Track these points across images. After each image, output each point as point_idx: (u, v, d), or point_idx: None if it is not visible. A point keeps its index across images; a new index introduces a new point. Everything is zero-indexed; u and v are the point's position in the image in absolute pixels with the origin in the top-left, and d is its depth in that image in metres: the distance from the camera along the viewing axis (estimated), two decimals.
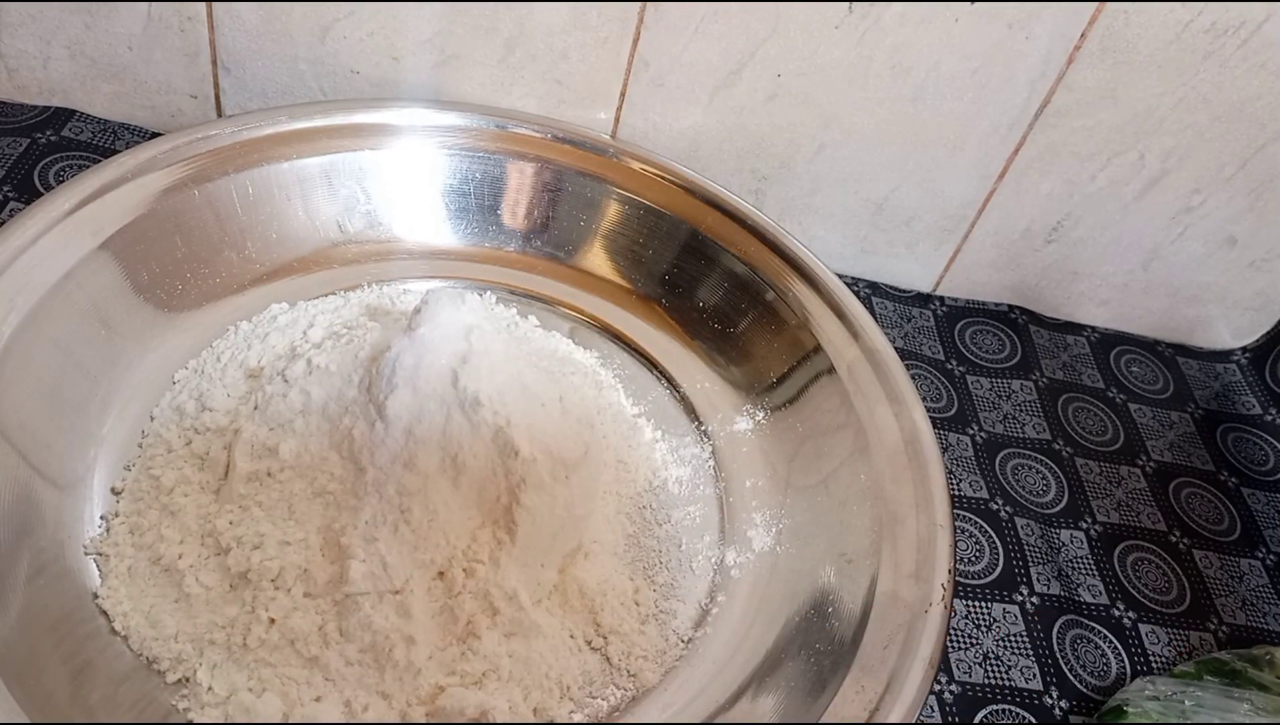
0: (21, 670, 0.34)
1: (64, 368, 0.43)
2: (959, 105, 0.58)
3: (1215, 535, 0.56)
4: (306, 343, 0.47)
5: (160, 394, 0.46)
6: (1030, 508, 0.54)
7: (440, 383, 0.41)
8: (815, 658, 0.40)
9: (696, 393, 0.54)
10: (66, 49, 0.57)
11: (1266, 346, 0.68)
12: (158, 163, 0.48)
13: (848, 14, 0.54)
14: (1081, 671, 0.47)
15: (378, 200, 0.55)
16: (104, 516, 0.41)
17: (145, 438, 0.44)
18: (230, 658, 0.38)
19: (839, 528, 0.45)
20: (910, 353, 0.62)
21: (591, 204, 0.58)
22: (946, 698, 0.45)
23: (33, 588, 0.37)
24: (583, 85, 0.58)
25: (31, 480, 0.39)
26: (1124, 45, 0.54)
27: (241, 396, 0.45)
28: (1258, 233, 0.63)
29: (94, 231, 0.45)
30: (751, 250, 0.55)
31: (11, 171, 0.55)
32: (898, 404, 0.47)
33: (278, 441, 0.42)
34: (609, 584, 0.43)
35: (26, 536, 0.38)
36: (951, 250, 0.65)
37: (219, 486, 0.42)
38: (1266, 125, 0.57)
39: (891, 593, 0.41)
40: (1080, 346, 0.66)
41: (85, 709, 0.35)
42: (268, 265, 0.52)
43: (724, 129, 0.60)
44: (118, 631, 0.38)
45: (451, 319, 0.42)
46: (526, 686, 0.39)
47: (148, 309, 0.47)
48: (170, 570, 0.40)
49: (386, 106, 0.55)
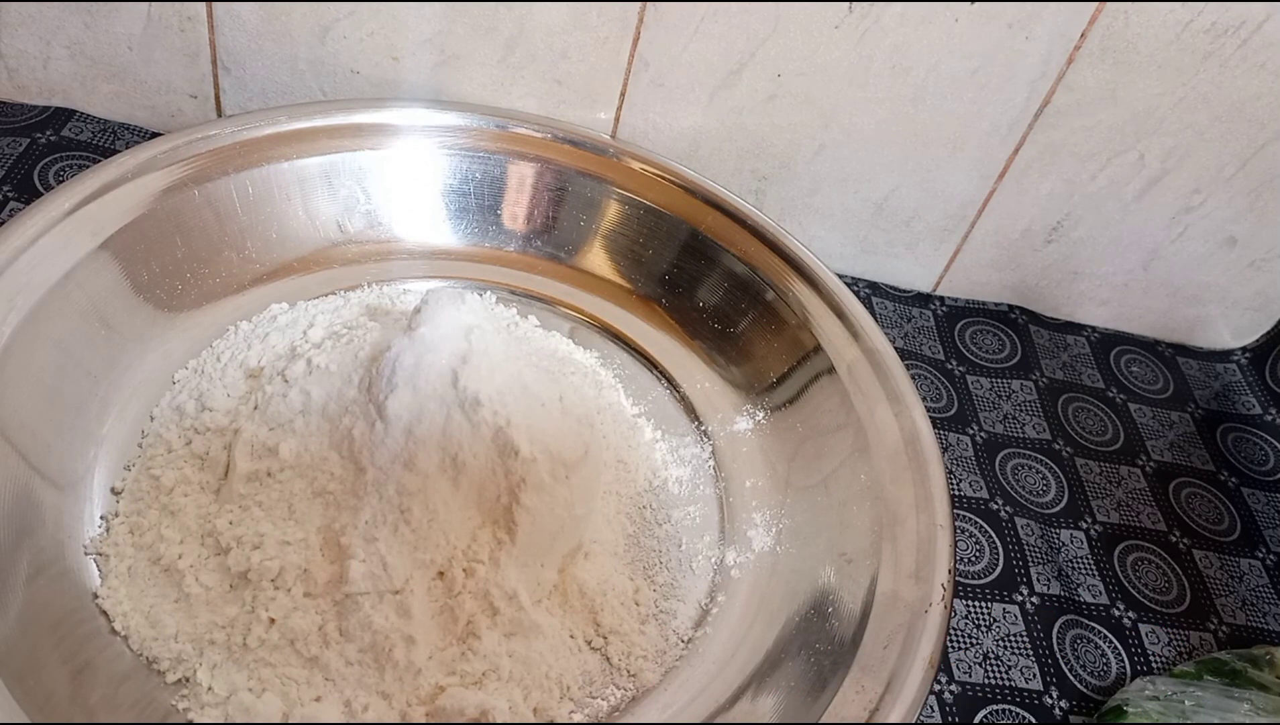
0: (21, 670, 0.34)
1: (64, 368, 0.43)
2: (959, 105, 0.58)
3: (1215, 535, 0.56)
4: (306, 343, 0.47)
5: (160, 394, 0.46)
6: (1030, 508, 0.54)
7: (440, 383, 0.41)
8: (815, 658, 0.40)
9: (696, 393, 0.54)
10: (66, 49, 0.57)
11: (1266, 346, 0.68)
12: (158, 163, 0.48)
13: (848, 14, 0.54)
14: (1081, 671, 0.47)
15: (378, 200, 0.55)
16: (104, 516, 0.41)
17: (145, 438, 0.44)
18: (230, 658, 0.38)
19: (839, 528, 0.45)
20: (910, 353, 0.62)
21: (591, 204, 0.58)
22: (946, 698, 0.45)
23: (33, 588, 0.37)
24: (583, 85, 0.58)
25: (31, 480, 0.39)
26: (1124, 45, 0.54)
27: (241, 396, 0.45)
28: (1258, 233, 0.63)
29: (94, 231, 0.45)
30: (751, 250, 0.55)
31: (11, 171, 0.55)
32: (898, 404, 0.47)
33: (278, 441, 0.42)
34: (609, 584, 0.43)
35: (26, 536, 0.38)
36: (951, 250, 0.65)
37: (219, 486, 0.42)
38: (1266, 125, 0.57)
39: (891, 592, 0.41)
40: (1080, 346, 0.66)
41: (85, 709, 0.35)
42: (268, 265, 0.52)
43: (724, 129, 0.60)
44: (118, 631, 0.38)
45: (451, 319, 0.42)
46: (526, 686, 0.39)
47: (148, 309, 0.47)
48: (170, 570, 0.40)
49: (386, 106, 0.55)
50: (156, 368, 0.47)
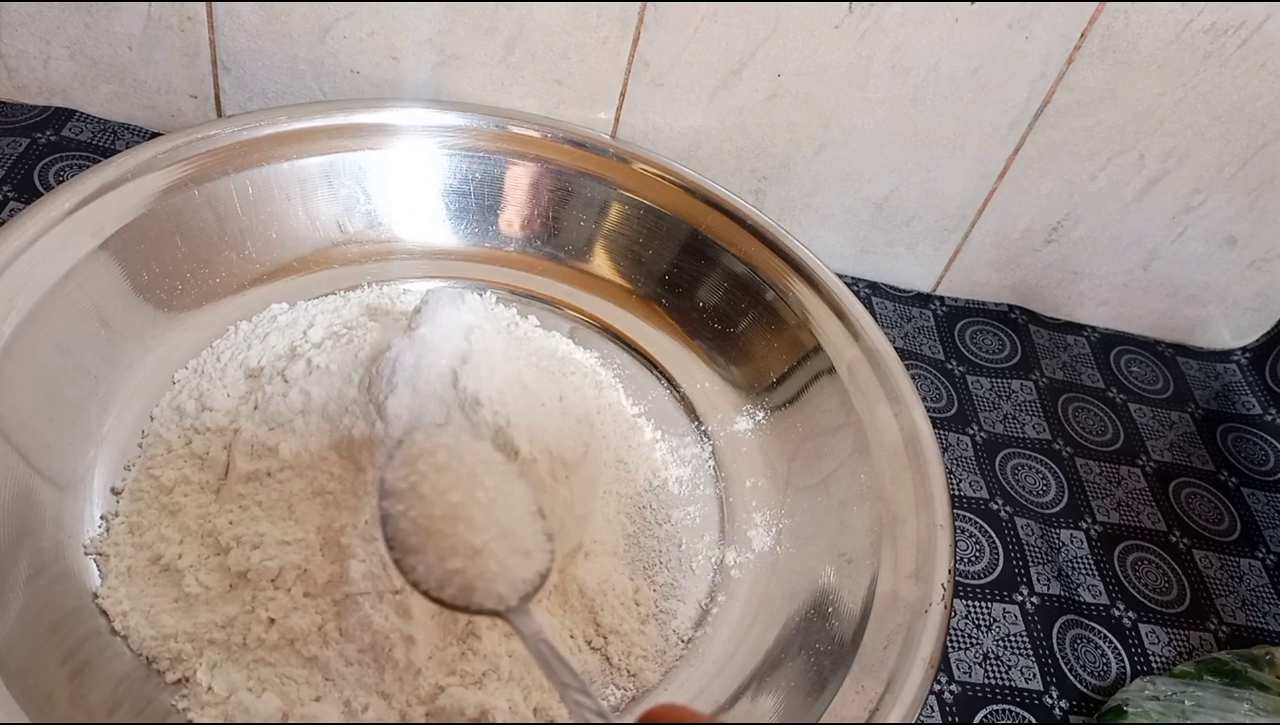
0: (21, 670, 0.34)
1: (64, 368, 0.43)
2: (959, 105, 0.58)
3: (1215, 535, 0.56)
4: (306, 342, 0.47)
5: (160, 394, 0.46)
6: (1030, 508, 0.54)
7: (440, 383, 0.41)
8: (815, 658, 0.40)
9: (696, 393, 0.54)
10: (66, 49, 0.57)
11: (1266, 346, 0.68)
12: (158, 163, 0.48)
13: (848, 14, 0.54)
14: (1081, 671, 0.47)
15: (378, 200, 0.55)
16: (104, 516, 0.41)
17: (145, 438, 0.44)
18: (230, 657, 0.38)
19: (839, 528, 0.45)
20: (910, 353, 0.62)
21: (591, 204, 0.58)
22: (946, 698, 0.45)
23: (33, 588, 0.37)
24: (583, 85, 0.58)
25: (31, 480, 0.39)
26: (1124, 45, 0.54)
27: (241, 396, 0.45)
28: (1258, 233, 0.63)
29: (94, 231, 0.45)
30: (751, 250, 0.55)
31: (11, 171, 0.55)
32: (898, 404, 0.47)
33: (277, 441, 0.42)
34: (609, 584, 0.43)
35: (26, 537, 0.38)
36: (951, 250, 0.65)
37: (219, 486, 0.42)
38: (1266, 125, 0.57)
39: (891, 592, 0.41)
40: (1080, 346, 0.66)
41: (85, 709, 0.35)
42: (268, 265, 0.52)
43: (724, 129, 0.60)
44: (118, 631, 0.38)
45: (451, 319, 0.42)
46: (526, 686, 0.39)
47: (148, 309, 0.47)
48: (170, 570, 0.40)
49: (386, 106, 0.55)
50: (156, 368, 0.47)
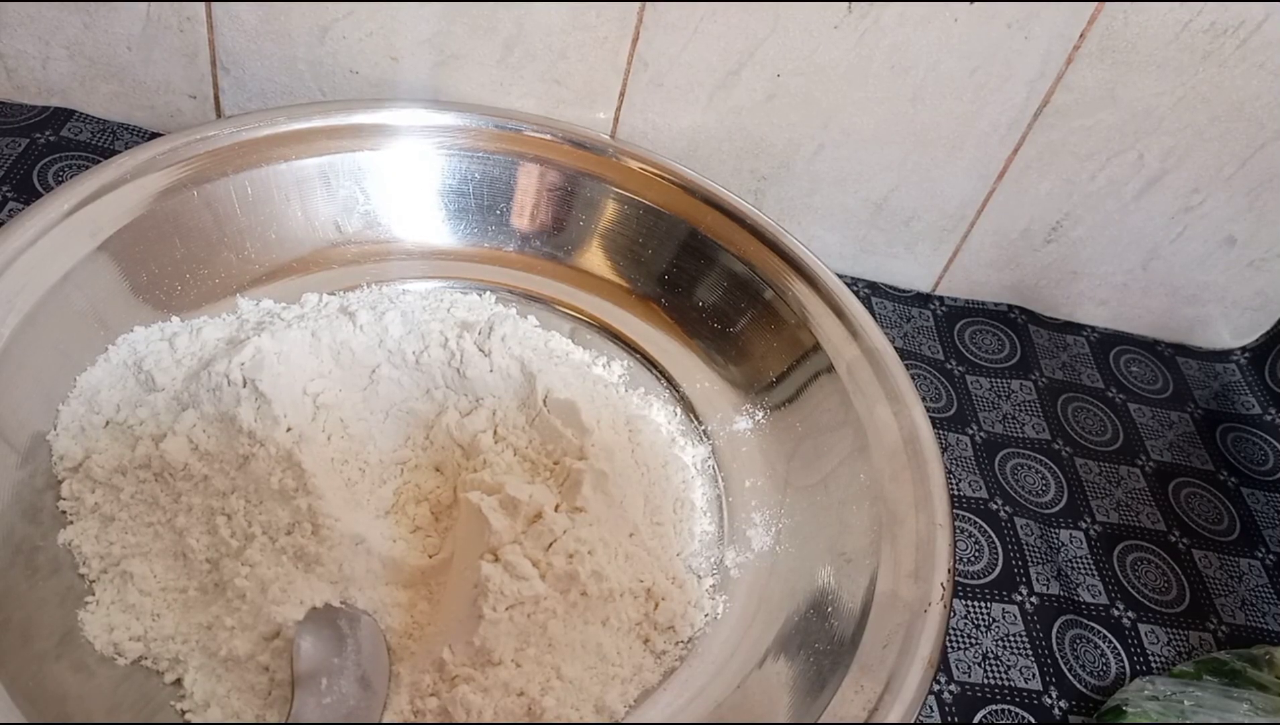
0: (21, 671, 0.34)
1: (63, 369, 0.43)
2: (958, 105, 0.58)
3: (1215, 535, 0.56)
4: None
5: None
6: (1030, 508, 0.54)
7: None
8: (814, 657, 0.40)
9: (696, 392, 0.54)
10: (66, 49, 0.57)
11: (1266, 346, 0.68)
12: (156, 163, 0.48)
13: (847, 14, 0.54)
14: (1081, 671, 0.47)
15: (376, 201, 0.55)
16: (102, 517, 0.41)
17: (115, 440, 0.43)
18: (213, 662, 0.38)
19: (838, 527, 0.45)
20: (910, 352, 0.62)
21: (591, 204, 0.58)
22: (946, 698, 0.45)
23: (31, 588, 0.37)
24: (582, 85, 0.58)
25: (30, 480, 0.39)
26: (1123, 45, 0.54)
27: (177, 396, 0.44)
28: (1257, 232, 0.63)
29: (93, 232, 0.45)
30: (750, 249, 0.55)
31: (11, 171, 0.55)
32: (897, 403, 0.47)
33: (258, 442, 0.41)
34: (609, 583, 0.43)
35: (25, 537, 0.38)
36: (951, 250, 0.65)
37: (199, 485, 0.42)
38: (1266, 125, 0.57)
39: (891, 592, 0.41)
40: (1080, 346, 0.66)
41: (85, 709, 0.35)
42: (266, 266, 0.52)
43: (723, 129, 0.60)
44: (116, 632, 0.38)
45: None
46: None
47: (146, 310, 0.47)
48: (168, 570, 0.40)
49: (385, 107, 0.55)
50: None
